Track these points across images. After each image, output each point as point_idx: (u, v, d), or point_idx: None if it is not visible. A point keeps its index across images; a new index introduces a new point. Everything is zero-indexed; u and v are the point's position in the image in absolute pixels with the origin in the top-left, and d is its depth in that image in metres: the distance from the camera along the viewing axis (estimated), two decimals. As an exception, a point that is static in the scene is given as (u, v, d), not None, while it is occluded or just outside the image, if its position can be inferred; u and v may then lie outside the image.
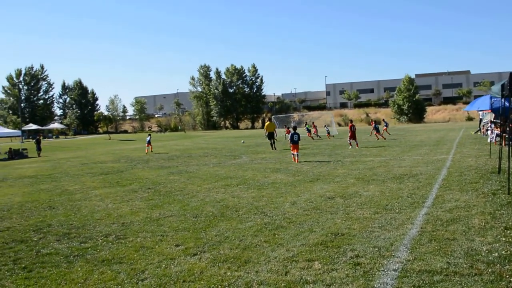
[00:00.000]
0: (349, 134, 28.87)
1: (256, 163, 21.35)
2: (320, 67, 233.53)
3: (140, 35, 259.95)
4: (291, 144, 21.77)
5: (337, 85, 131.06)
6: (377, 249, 6.96)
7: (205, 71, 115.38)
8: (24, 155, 44.99)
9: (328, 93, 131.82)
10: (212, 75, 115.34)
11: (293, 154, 21.48)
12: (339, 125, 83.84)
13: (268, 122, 31.84)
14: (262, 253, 7.16)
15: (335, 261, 6.52)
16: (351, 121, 31.00)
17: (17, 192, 16.34)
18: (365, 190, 12.31)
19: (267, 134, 30.95)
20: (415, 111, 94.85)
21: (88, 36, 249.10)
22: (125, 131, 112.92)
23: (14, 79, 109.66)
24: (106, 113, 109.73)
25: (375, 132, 37.72)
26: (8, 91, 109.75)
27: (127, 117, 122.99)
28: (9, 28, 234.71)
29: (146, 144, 36.27)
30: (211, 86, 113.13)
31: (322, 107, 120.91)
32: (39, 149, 44.70)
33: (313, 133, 44.49)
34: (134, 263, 7.05)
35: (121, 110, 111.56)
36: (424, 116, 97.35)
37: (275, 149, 29.64)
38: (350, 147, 27.97)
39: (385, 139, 36.48)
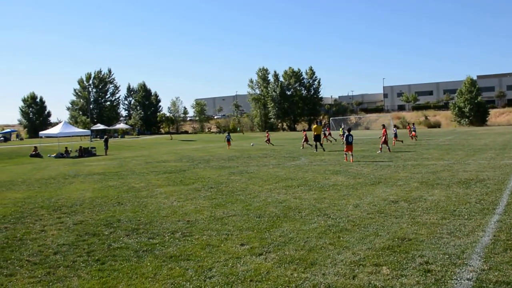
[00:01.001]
0: (382, 139, 28.42)
1: (316, 165, 21.28)
2: (378, 69, 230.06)
3: (200, 38, 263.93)
4: (346, 145, 23.32)
5: (395, 87, 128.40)
6: (447, 256, 6.79)
7: (263, 73, 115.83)
8: (92, 153, 46.78)
9: (385, 95, 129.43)
10: (270, 77, 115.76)
11: (346, 154, 23.19)
12: (398, 127, 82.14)
13: (315, 125, 32.69)
14: (328, 256, 7.14)
15: (404, 267, 6.42)
16: (384, 126, 30.45)
17: (88, 188, 17.01)
18: (430, 195, 12.03)
19: (313, 136, 32.16)
20: (477, 113, 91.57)
21: (152, 41, 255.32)
22: (186, 132, 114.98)
23: (85, 82, 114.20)
24: (168, 114, 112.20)
25: (412, 133, 37.94)
26: (79, 93, 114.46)
27: (188, 118, 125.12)
28: (80, 35, 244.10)
29: (227, 142, 42.43)
30: (269, 89, 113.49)
31: (379, 110, 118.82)
32: (106, 147, 46.33)
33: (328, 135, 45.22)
34: (201, 261, 7.20)
35: (182, 112, 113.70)
36: (487, 119, 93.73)
37: (322, 150, 31.10)
38: (379, 151, 27.35)
39: (402, 141, 37.76)
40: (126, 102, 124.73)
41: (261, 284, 6.10)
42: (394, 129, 38.86)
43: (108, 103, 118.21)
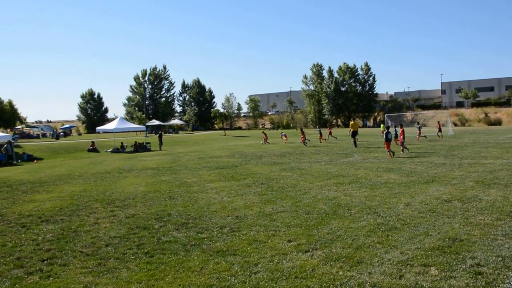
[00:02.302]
0: (400, 138, 27.46)
1: (368, 162, 20.96)
2: (435, 64, 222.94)
3: (254, 35, 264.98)
4: (385, 142, 24.20)
5: (453, 83, 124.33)
6: (500, 258, 6.56)
7: (317, 69, 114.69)
8: (147, 148, 47.84)
9: (443, 92, 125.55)
10: (325, 73, 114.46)
11: (389, 151, 23.59)
12: (455, 124, 79.71)
13: (352, 122, 32.96)
14: (375, 254, 7.04)
15: (453, 268, 6.25)
16: (401, 125, 29.61)
17: (141, 182, 17.41)
18: (486, 195, 11.62)
19: (351, 132, 32.79)
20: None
21: (206, 37, 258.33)
22: (239, 128, 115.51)
23: (140, 78, 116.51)
24: (222, 110, 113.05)
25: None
26: (135, 89, 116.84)
27: (242, 114, 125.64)
28: (137, 33, 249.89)
29: (284, 137, 43.97)
30: (323, 85, 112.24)
31: (437, 106, 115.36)
32: (160, 143, 47.26)
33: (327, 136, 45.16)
34: (247, 256, 7.24)
35: (236, 108, 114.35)
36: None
37: (356, 146, 31.52)
38: (401, 152, 26.45)
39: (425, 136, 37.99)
40: (180, 98, 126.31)
41: (306, 281, 6.08)
42: (419, 125, 38.68)
43: (163, 99, 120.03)
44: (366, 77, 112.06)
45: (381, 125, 52.90)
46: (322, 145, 34.13)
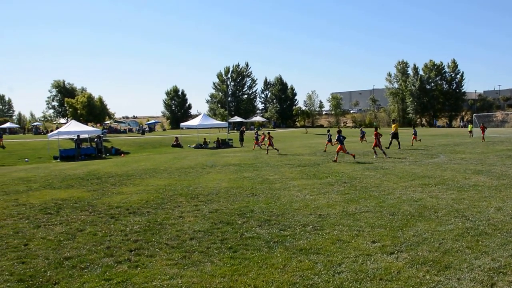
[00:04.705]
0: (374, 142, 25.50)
1: (455, 163, 20.12)
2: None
3: (336, 31, 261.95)
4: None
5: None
6: None
7: (402, 67, 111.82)
8: (229, 144, 48.69)
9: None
10: (410, 71, 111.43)
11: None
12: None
13: (394, 124, 31.86)
14: (464, 260, 6.73)
15: (550, 278, 5.86)
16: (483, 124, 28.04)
17: (224, 178, 17.68)
18: None
19: (391, 133, 31.86)
20: None
21: (288, 35, 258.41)
22: (321, 126, 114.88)
23: (223, 76, 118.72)
24: (303, 108, 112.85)
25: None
26: (218, 86, 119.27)
27: (323, 112, 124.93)
28: (221, 30, 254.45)
29: (360, 138, 42.40)
30: (407, 83, 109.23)
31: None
32: (242, 139, 47.88)
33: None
34: (330, 255, 7.15)
35: (318, 106, 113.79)
36: None
37: (388, 148, 30.24)
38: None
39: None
40: (262, 95, 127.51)
41: (391, 283, 5.92)
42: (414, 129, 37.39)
43: (245, 96, 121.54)
44: (453, 75, 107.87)
45: (469, 125, 50.88)
46: (406, 145, 33.10)
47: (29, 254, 7.91)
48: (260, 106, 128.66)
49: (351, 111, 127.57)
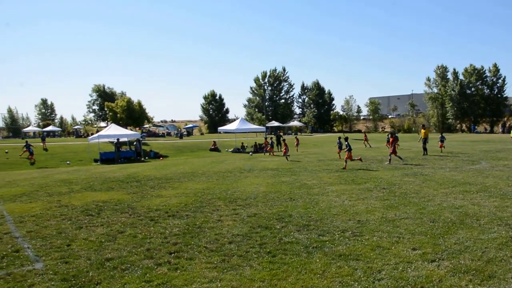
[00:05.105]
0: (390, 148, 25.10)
1: (497, 170, 19.59)
2: None
3: (372, 37, 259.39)
4: None
5: None
6: None
7: (442, 71, 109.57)
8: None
9: None
10: (449, 75, 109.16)
11: None
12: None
13: (424, 130, 31.04)
14: (509, 269, 6.57)
15: None
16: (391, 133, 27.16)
17: (262, 182, 17.70)
18: None
19: (421, 139, 31.15)
20: None
21: (325, 39, 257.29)
22: (359, 131, 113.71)
23: (260, 80, 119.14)
24: (341, 112, 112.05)
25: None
26: (255, 91, 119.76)
27: (361, 117, 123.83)
28: (258, 35, 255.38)
29: (388, 143, 38.73)
30: (447, 87, 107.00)
31: None
32: (278, 144, 47.80)
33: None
34: (370, 262, 7.08)
35: (356, 110, 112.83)
36: None
37: (425, 154, 29.71)
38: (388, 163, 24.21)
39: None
40: (300, 100, 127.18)
41: (433, 292, 5.81)
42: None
43: (283, 100, 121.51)
44: (494, 80, 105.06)
45: (511, 131, 49.45)
46: (446, 151, 32.44)
47: (72, 254, 8.11)
48: (298, 110, 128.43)
49: (389, 116, 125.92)
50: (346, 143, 23.67)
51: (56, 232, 10.05)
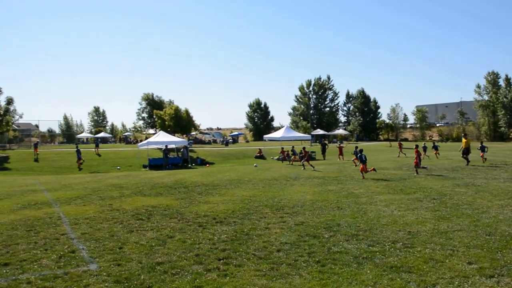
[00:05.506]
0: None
1: (557, 182, 18.81)
2: None
3: (421, 44, 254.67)
4: None
5: None
6: None
7: (493, 78, 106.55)
8: (312, 157, 48.34)
9: None
10: (501, 82, 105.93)
11: None
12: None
13: (465, 139, 29.65)
14: None
15: None
16: (417, 146, 26.04)
17: (308, 190, 17.57)
18: None
19: (462, 149, 29.81)
20: None
21: (370, 47, 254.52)
22: (405, 139, 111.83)
23: (305, 89, 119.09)
24: (387, 121, 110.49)
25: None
26: (300, 99, 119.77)
27: (408, 126, 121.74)
28: (303, 43, 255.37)
29: (435, 151, 39.93)
30: (499, 94, 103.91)
31: None
32: (323, 152, 47.55)
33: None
34: (423, 275, 6.88)
35: (402, 119, 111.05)
36: None
37: (468, 164, 28.29)
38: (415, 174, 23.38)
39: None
40: (345, 108, 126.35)
41: (493, 308, 5.59)
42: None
43: (327, 109, 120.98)
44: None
45: None
46: (499, 160, 31.38)
47: (124, 257, 8.26)
48: (343, 119, 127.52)
49: (437, 125, 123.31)
50: (359, 155, 23.77)
51: (108, 234, 10.29)
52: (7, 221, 12.33)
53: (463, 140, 30.50)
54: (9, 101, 53.24)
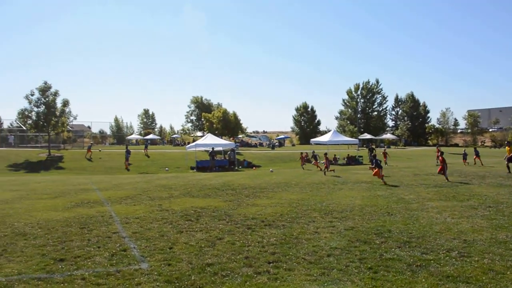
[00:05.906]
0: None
1: None
2: None
3: (473, 47, 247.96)
4: None
5: None
6: None
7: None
8: (359, 161, 47.91)
9: None
10: None
11: None
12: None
13: (509, 147, 28.10)
14: None
15: None
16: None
17: (357, 195, 17.32)
18: None
19: (507, 157, 28.49)
20: None
21: (421, 50, 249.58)
22: (456, 145, 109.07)
23: (353, 93, 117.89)
24: (437, 125, 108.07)
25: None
26: (347, 103, 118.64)
27: (458, 131, 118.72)
28: (349, 48, 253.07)
29: (475, 157, 38.23)
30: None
31: None
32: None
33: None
34: (483, 286, 6.59)
35: (452, 123, 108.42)
36: None
37: (510, 172, 27.04)
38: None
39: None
40: (393, 112, 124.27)
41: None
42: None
43: (375, 113, 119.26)
44: None
45: None
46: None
47: (174, 257, 8.33)
48: (391, 123, 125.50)
49: (490, 130, 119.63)
50: (374, 160, 23.78)
51: (158, 234, 10.42)
52: (61, 218, 12.71)
53: (507, 148, 29.46)
54: (65, 103, 54.65)
